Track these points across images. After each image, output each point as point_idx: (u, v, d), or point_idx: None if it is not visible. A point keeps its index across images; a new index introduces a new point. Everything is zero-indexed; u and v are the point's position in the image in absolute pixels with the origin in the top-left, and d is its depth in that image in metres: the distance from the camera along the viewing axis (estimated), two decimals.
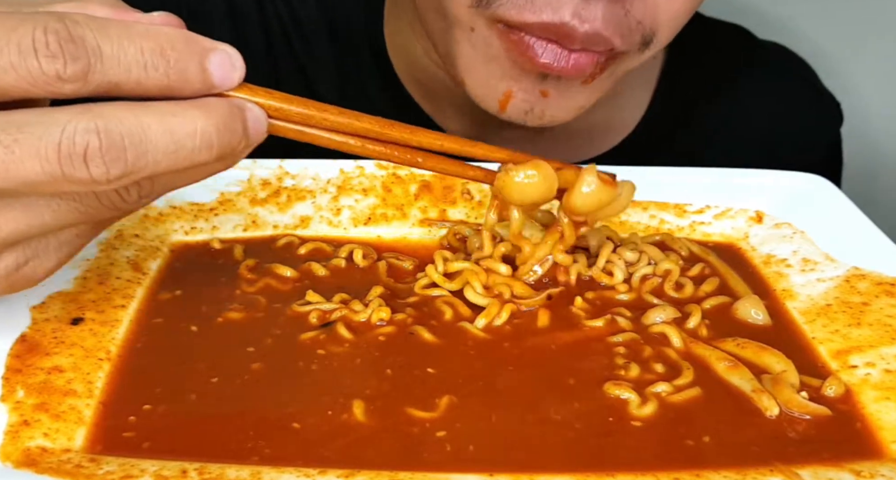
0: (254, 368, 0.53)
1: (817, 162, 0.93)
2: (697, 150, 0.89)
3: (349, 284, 0.62)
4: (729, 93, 0.91)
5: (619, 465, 0.46)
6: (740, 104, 0.91)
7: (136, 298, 0.59)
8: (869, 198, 0.77)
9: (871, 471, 0.46)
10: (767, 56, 0.95)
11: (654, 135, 0.89)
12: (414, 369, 0.53)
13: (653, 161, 0.85)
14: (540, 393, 0.52)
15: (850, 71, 1.06)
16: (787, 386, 0.52)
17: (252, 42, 0.85)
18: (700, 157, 0.88)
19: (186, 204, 0.68)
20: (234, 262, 0.64)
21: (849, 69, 1.05)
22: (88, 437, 0.47)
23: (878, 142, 1.23)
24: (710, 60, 0.91)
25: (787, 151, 0.92)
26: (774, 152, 0.90)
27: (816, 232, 0.67)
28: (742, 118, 0.91)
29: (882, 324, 0.57)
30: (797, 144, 0.93)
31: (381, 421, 0.49)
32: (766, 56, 0.95)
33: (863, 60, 1.16)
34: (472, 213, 0.70)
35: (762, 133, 0.92)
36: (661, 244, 0.67)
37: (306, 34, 0.86)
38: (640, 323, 0.59)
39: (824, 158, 0.96)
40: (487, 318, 0.58)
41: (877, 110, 1.21)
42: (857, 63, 1.14)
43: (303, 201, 0.69)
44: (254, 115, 0.47)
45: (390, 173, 0.70)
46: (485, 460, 0.46)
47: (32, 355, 0.51)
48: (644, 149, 0.88)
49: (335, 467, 0.45)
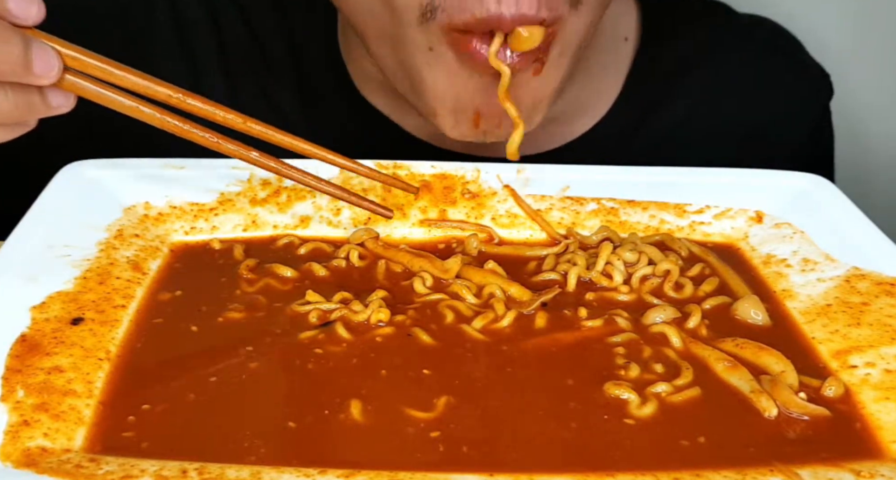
0: (252, 367, 0.53)
1: (805, 138, 0.91)
2: (675, 131, 0.87)
3: (349, 284, 0.62)
4: (706, 70, 0.88)
5: (619, 465, 0.46)
6: (719, 81, 0.88)
7: (136, 298, 0.59)
8: (869, 198, 0.77)
9: (871, 471, 0.46)
10: (746, 30, 0.93)
11: (629, 117, 0.86)
12: (409, 370, 0.53)
13: (627, 145, 0.84)
14: (538, 394, 0.52)
15: (847, 70, 1.05)
16: (785, 387, 0.52)
17: (207, 60, 0.85)
18: (678, 138, 0.87)
19: (186, 204, 0.68)
20: (234, 262, 0.64)
21: (846, 68, 1.05)
22: (88, 437, 0.47)
23: (878, 141, 1.23)
24: (685, 38, 0.89)
25: (771, 128, 0.89)
26: (759, 130, 0.89)
27: (816, 232, 0.67)
28: (722, 95, 0.88)
29: (882, 324, 0.57)
30: (782, 120, 0.90)
31: (377, 421, 0.49)
32: (744, 30, 0.93)
33: (861, 58, 1.16)
34: (472, 213, 0.70)
35: (744, 110, 0.89)
36: (660, 245, 0.67)
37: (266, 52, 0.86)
38: (640, 323, 0.59)
39: (812, 133, 0.93)
40: (485, 320, 0.58)
41: (875, 109, 1.20)
42: (854, 62, 1.14)
43: (303, 201, 0.69)
44: (42, 48, 0.49)
45: (390, 173, 0.70)
46: (481, 460, 0.46)
47: (32, 355, 0.51)
48: (617, 132, 0.86)
49: (332, 466, 0.45)
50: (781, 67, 0.91)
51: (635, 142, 0.86)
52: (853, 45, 1.16)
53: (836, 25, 1.15)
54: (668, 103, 0.87)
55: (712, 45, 0.90)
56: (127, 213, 0.66)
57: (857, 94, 1.16)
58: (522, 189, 0.71)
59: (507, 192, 0.70)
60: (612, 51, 0.86)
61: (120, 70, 0.53)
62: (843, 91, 0.97)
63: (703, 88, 0.88)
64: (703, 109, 0.88)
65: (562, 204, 0.71)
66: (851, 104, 1.13)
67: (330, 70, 0.85)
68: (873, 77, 1.19)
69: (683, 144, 0.87)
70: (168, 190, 0.68)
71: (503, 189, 0.71)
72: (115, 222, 0.65)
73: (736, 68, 0.89)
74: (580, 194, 0.71)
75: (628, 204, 0.71)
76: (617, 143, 0.86)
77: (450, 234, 0.70)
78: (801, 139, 0.93)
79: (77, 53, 0.51)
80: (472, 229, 0.69)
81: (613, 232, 0.68)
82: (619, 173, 0.71)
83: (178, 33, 0.85)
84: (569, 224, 0.70)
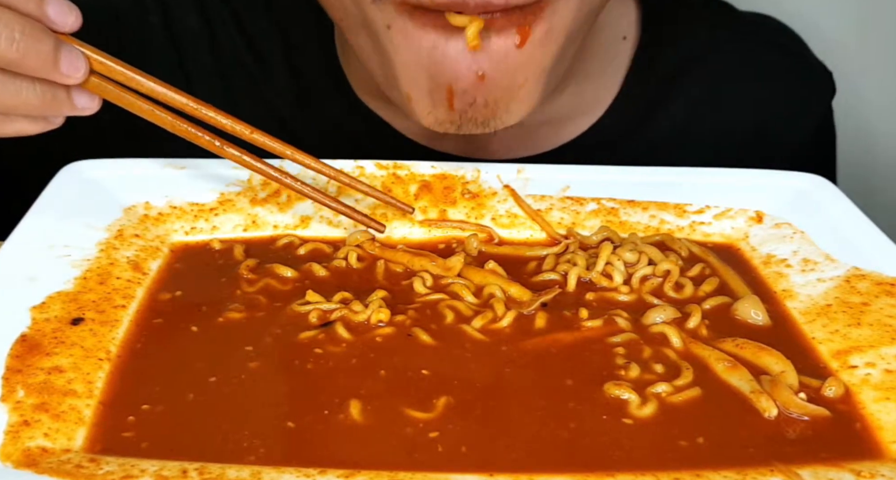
0: (251, 367, 0.53)
1: (808, 137, 0.91)
2: (674, 131, 0.86)
3: (349, 284, 0.62)
4: (707, 69, 0.87)
5: (619, 465, 0.47)
6: (721, 80, 0.88)
7: (136, 298, 0.59)
8: (871, 197, 0.77)
9: (871, 471, 0.46)
10: (748, 28, 0.92)
11: (628, 117, 0.85)
12: (408, 370, 0.53)
13: (626, 146, 0.83)
14: (538, 394, 0.52)
15: (851, 69, 1.05)
16: (785, 387, 0.52)
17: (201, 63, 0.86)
18: (678, 139, 0.86)
19: (186, 204, 0.68)
20: (235, 262, 0.64)
21: (850, 67, 1.05)
22: (88, 437, 0.47)
23: (881, 140, 1.23)
24: (686, 37, 0.88)
25: (773, 127, 0.89)
26: (761, 129, 0.88)
27: (816, 232, 0.67)
28: (723, 95, 0.87)
29: (882, 324, 0.57)
30: (784, 119, 0.89)
31: (376, 421, 0.49)
32: (747, 28, 0.92)
33: (864, 57, 1.16)
34: (473, 213, 0.70)
35: (745, 109, 0.88)
36: (660, 245, 0.67)
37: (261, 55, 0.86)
38: (640, 323, 0.59)
39: (815, 132, 0.92)
40: (484, 320, 0.58)
41: (878, 108, 1.20)
42: (858, 61, 1.14)
43: (303, 201, 0.69)
44: (71, 50, 0.55)
45: (390, 173, 0.70)
46: (480, 460, 0.46)
47: (32, 355, 0.51)
48: (616, 133, 0.85)
49: (331, 466, 0.45)
50: (784, 66, 0.90)
51: (634, 143, 0.85)
52: (857, 43, 1.16)
53: (839, 24, 1.15)
54: (667, 103, 0.87)
55: (714, 44, 0.89)
56: (127, 213, 0.66)
57: (859, 93, 1.16)
58: (522, 189, 0.71)
59: (507, 192, 0.70)
60: (610, 50, 0.85)
61: (142, 77, 0.58)
62: (846, 90, 0.96)
63: (703, 88, 0.87)
64: (703, 108, 0.87)
65: (562, 204, 0.71)
66: (854, 103, 1.13)
67: (326, 73, 0.85)
68: (877, 76, 1.19)
69: (683, 145, 0.87)
70: (168, 190, 0.68)
71: (503, 189, 0.71)
72: (115, 222, 0.65)
73: (737, 67, 0.89)
74: (580, 194, 0.71)
75: (628, 204, 0.71)
76: (616, 144, 0.85)
77: (450, 234, 0.70)
78: (803, 139, 0.92)
79: (104, 59, 0.57)
80: (472, 229, 0.69)
81: (613, 232, 0.68)
82: (619, 173, 0.71)
83: (171, 38, 0.86)
84: (569, 224, 0.70)
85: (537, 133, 0.75)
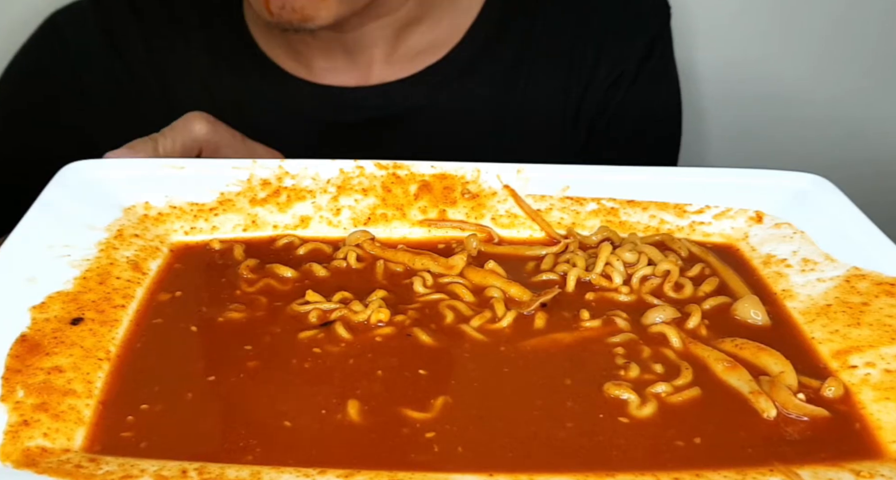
0: (250, 366, 0.53)
1: (640, 53, 1.01)
2: (526, 56, 0.98)
3: (349, 284, 0.62)
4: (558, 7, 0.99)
5: (618, 465, 0.46)
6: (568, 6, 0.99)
7: (136, 298, 0.59)
8: (868, 198, 0.77)
9: (871, 471, 0.46)
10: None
11: (478, 46, 0.97)
12: (405, 370, 0.53)
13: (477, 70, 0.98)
14: (536, 394, 0.52)
15: (850, 70, 1.05)
16: (783, 388, 0.52)
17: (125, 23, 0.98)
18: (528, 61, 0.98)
19: (186, 204, 0.68)
20: (234, 262, 0.64)
21: (849, 69, 1.05)
22: (88, 437, 0.47)
23: (878, 141, 1.23)
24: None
25: (611, 46, 0.99)
26: (602, 48, 0.99)
27: (816, 232, 0.67)
28: (570, 18, 0.99)
29: (882, 324, 0.57)
30: (619, 38, 1.00)
31: (374, 421, 0.49)
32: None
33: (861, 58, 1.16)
34: (472, 213, 0.70)
35: (590, 30, 0.99)
36: (660, 245, 0.67)
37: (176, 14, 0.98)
38: (640, 324, 0.59)
39: (647, 50, 1.01)
40: (482, 320, 0.58)
41: (876, 109, 1.21)
42: (855, 63, 1.14)
43: (303, 201, 0.69)
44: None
45: (390, 173, 0.70)
46: (476, 460, 0.46)
47: (32, 355, 0.51)
48: (469, 60, 0.97)
49: (329, 466, 0.45)
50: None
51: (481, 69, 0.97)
52: (854, 45, 1.16)
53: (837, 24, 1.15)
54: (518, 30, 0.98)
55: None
56: (127, 213, 0.66)
57: (857, 94, 1.17)
58: (522, 189, 0.71)
59: (507, 192, 0.70)
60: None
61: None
62: (845, 91, 0.97)
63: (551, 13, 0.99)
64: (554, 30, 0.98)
65: (562, 204, 0.70)
66: (852, 104, 1.14)
67: (234, 31, 0.97)
68: (873, 77, 1.19)
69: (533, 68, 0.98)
70: (168, 190, 0.68)
71: (503, 189, 0.71)
72: (115, 222, 0.65)
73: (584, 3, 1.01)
74: (580, 194, 0.71)
75: (628, 204, 0.71)
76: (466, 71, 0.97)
77: (450, 234, 0.70)
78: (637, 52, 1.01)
79: None
80: (471, 229, 0.69)
81: (613, 232, 0.68)
82: (619, 173, 0.71)
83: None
84: (569, 224, 0.70)
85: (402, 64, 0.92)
